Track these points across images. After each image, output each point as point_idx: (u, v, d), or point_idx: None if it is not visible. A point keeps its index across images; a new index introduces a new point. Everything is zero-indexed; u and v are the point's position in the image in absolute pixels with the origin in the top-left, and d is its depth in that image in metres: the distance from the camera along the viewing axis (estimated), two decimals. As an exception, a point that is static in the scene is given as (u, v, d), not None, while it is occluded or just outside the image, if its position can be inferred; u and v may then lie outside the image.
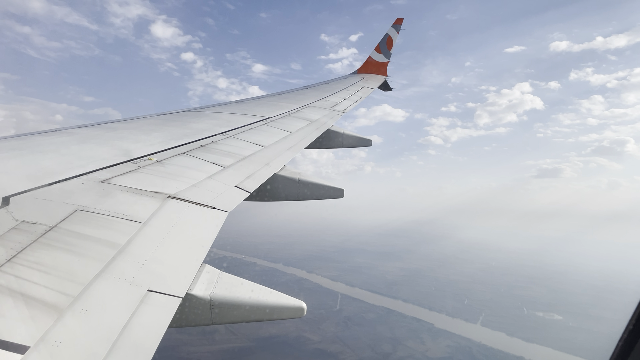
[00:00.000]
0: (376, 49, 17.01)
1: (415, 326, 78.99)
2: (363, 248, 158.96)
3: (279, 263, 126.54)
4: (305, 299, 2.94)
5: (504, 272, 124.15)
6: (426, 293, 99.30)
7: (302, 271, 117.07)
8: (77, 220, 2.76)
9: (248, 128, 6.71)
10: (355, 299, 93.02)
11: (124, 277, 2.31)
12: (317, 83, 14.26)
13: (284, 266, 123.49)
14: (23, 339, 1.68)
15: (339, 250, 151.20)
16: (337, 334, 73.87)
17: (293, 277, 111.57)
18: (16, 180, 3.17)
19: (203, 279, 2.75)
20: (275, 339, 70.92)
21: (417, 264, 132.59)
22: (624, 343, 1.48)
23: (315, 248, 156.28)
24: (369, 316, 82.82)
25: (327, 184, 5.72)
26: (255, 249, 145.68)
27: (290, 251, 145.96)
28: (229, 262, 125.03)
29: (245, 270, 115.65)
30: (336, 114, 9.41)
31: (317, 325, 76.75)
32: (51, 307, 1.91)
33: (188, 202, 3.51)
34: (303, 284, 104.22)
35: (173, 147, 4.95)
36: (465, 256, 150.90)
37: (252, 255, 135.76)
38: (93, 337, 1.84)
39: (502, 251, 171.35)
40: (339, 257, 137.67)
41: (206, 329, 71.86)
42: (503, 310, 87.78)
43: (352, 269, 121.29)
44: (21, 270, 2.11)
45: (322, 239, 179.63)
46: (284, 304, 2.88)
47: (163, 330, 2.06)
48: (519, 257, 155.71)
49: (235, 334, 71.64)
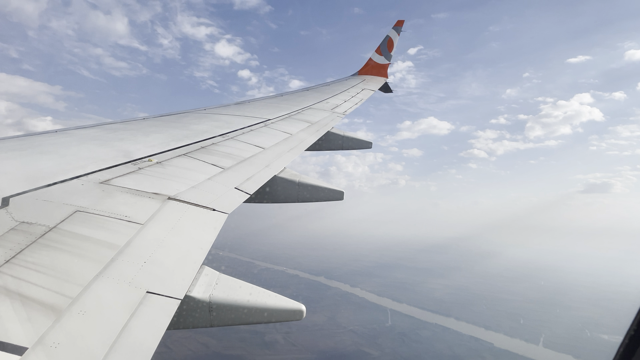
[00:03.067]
0: (377, 50, 17.04)
1: (475, 345, 77.49)
2: (402, 264, 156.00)
3: (321, 276, 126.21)
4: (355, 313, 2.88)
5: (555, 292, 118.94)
6: (478, 312, 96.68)
7: (345, 285, 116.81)
8: (77, 221, 2.76)
9: (248, 130, 6.71)
10: (405, 315, 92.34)
11: (123, 278, 2.31)
12: (317, 85, 14.27)
13: (327, 279, 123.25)
14: (21, 340, 1.67)
15: (378, 265, 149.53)
16: (395, 349, 73.61)
17: (338, 290, 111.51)
18: (16, 181, 3.17)
19: (202, 280, 2.74)
20: (334, 352, 71.58)
21: (462, 281, 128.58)
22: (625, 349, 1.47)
23: (352, 262, 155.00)
24: (424, 333, 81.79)
25: (327, 186, 5.71)
26: (293, 261, 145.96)
27: (328, 264, 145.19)
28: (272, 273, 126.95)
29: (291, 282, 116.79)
30: (337, 116, 9.41)
31: (373, 340, 76.94)
32: (50, 308, 1.91)
33: (188, 204, 3.51)
34: (350, 298, 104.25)
35: (173, 149, 4.95)
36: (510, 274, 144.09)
37: (293, 267, 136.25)
38: (92, 338, 1.84)
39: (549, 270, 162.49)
40: (379, 272, 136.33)
41: (265, 339, 73.95)
42: (564, 332, 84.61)
43: (395, 284, 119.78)
44: (20, 271, 2.10)
45: (357, 253, 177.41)
46: (284, 306, 2.87)
47: (162, 332, 2.06)
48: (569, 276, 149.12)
49: (295, 345, 72.78)
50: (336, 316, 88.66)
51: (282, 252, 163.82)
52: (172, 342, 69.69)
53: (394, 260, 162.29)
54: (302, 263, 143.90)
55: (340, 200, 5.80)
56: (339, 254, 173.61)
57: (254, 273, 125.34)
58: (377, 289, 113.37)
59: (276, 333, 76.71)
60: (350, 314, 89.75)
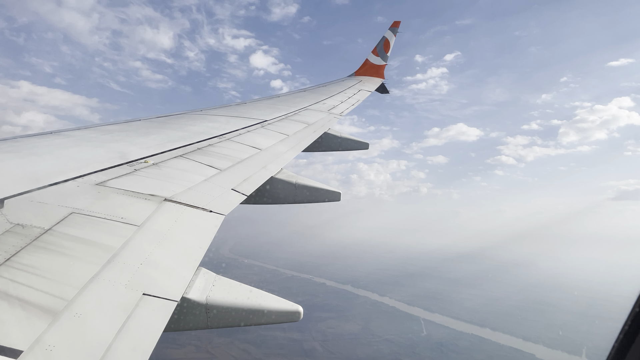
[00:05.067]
0: (373, 51, 17.08)
1: (516, 356, 76.12)
2: (428, 273, 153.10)
3: (348, 285, 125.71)
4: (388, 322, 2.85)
5: (591, 303, 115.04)
6: (514, 322, 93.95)
7: (373, 294, 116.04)
8: (72, 223, 2.75)
9: (245, 131, 6.71)
10: (439, 325, 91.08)
11: (119, 280, 2.30)
12: (314, 86, 14.28)
13: (354, 288, 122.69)
14: (16, 343, 1.66)
15: (404, 275, 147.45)
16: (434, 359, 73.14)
17: (367, 299, 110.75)
18: (11, 182, 3.15)
19: (199, 282, 2.74)
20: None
21: (493, 291, 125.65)
22: (619, 344, 1.48)
23: (377, 271, 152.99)
24: (462, 344, 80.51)
25: (324, 187, 5.72)
26: (318, 269, 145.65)
27: (353, 273, 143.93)
28: (299, 281, 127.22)
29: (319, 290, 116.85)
30: (333, 117, 9.43)
31: (411, 350, 76.41)
32: (45, 310, 1.90)
33: (184, 205, 3.50)
34: (380, 307, 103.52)
35: (169, 150, 4.94)
36: (541, 284, 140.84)
37: (319, 275, 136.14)
38: (87, 341, 1.83)
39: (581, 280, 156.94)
40: (406, 281, 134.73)
41: (304, 347, 74.40)
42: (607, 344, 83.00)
43: (425, 294, 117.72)
44: (15, 273, 2.09)
45: (381, 262, 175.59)
46: (281, 308, 2.87)
47: (158, 334, 2.05)
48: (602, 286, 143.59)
49: (334, 353, 73.06)
50: (369, 325, 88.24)
51: (305, 260, 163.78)
52: (212, 348, 70.72)
53: (419, 270, 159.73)
54: (326, 271, 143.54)
55: (337, 201, 5.81)
56: (362, 262, 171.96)
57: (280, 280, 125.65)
58: (407, 298, 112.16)
59: (313, 341, 77.40)
60: (384, 323, 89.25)
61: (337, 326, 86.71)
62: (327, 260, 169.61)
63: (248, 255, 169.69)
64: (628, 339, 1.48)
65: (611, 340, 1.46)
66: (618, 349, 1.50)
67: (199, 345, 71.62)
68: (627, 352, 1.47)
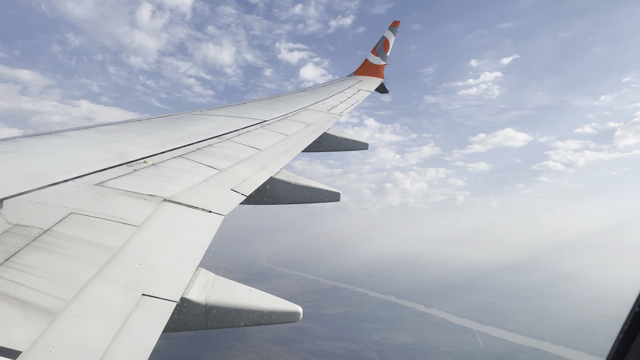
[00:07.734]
0: (373, 51, 17.08)
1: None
2: (473, 285, 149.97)
3: (391, 295, 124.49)
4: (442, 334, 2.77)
5: None
6: (574, 335, 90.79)
7: (420, 305, 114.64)
8: (72, 223, 2.74)
9: (245, 131, 6.70)
10: (495, 338, 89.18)
11: (118, 280, 2.30)
12: (314, 86, 14.28)
13: (397, 299, 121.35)
14: (16, 344, 1.66)
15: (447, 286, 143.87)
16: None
17: (414, 310, 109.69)
18: (10, 182, 3.15)
19: (198, 283, 2.74)
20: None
21: (544, 303, 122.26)
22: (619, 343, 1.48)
23: (418, 281, 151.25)
24: (523, 357, 78.43)
25: (323, 187, 5.72)
26: (358, 280, 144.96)
27: (394, 284, 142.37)
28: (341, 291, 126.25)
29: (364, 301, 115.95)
30: (333, 117, 9.43)
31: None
32: (44, 311, 1.90)
33: (183, 206, 3.50)
34: (430, 319, 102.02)
35: (169, 150, 4.93)
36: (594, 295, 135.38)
37: (360, 286, 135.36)
38: (87, 341, 1.83)
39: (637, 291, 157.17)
40: (451, 293, 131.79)
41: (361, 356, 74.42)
42: None
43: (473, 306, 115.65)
44: (14, 274, 2.09)
45: (419, 272, 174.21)
46: (280, 308, 2.87)
47: (157, 334, 2.05)
48: None
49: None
50: (423, 336, 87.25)
51: (342, 270, 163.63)
52: (274, 355, 71.54)
53: (463, 281, 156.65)
54: (367, 282, 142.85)
55: (337, 201, 5.80)
56: (401, 273, 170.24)
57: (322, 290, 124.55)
58: (455, 310, 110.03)
59: (369, 351, 77.16)
60: (437, 335, 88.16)
61: (389, 337, 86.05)
62: (364, 271, 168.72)
63: (285, 265, 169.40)
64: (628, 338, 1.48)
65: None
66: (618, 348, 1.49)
67: (260, 352, 72.57)
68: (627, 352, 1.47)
